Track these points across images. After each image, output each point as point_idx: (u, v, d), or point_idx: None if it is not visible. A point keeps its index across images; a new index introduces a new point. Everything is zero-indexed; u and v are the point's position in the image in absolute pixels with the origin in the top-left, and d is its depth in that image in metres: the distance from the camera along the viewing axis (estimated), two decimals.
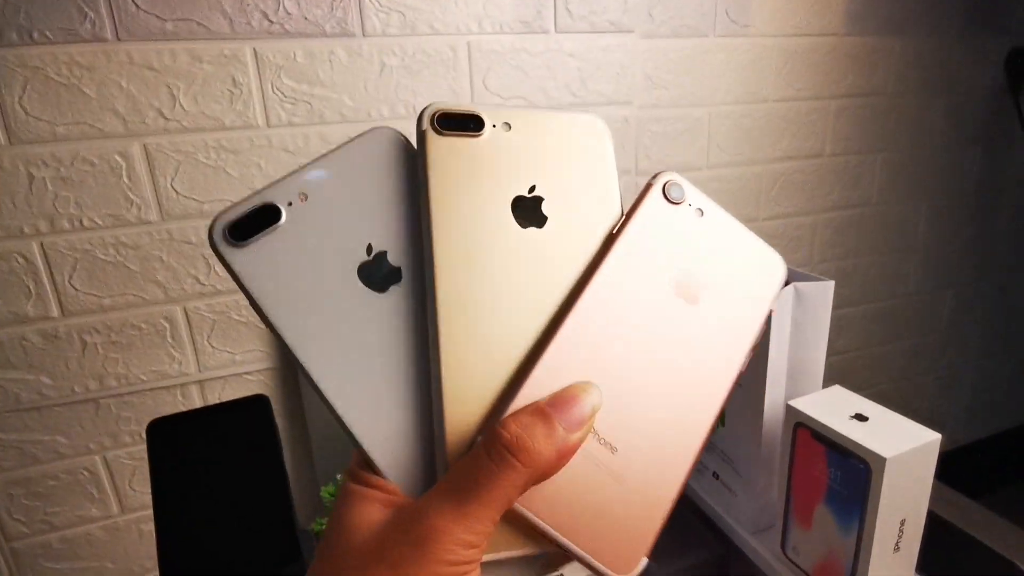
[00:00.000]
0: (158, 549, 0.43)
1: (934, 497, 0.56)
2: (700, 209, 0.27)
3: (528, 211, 0.25)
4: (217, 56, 0.64)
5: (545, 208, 0.25)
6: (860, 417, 0.57)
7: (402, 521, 0.21)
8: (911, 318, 1.19)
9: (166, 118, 0.64)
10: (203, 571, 0.44)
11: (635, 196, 0.26)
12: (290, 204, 0.24)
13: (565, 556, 0.23)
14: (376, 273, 0.24)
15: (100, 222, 0.64)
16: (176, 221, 0.67)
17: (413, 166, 0.25)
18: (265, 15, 0.64)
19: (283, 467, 0.46)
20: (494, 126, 0.25)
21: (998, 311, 1.30)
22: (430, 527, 0.20)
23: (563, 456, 0.22)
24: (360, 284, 0.24)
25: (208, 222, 0.68)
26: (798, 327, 0.59)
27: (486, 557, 0.22)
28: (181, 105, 0.64)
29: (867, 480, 0.53)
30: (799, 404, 0.57)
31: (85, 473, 0.70)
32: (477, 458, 0.21)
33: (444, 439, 0.23)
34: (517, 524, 0.23)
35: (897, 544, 0.55)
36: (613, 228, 0.26)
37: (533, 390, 0.23)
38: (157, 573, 0.61)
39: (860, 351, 1.14)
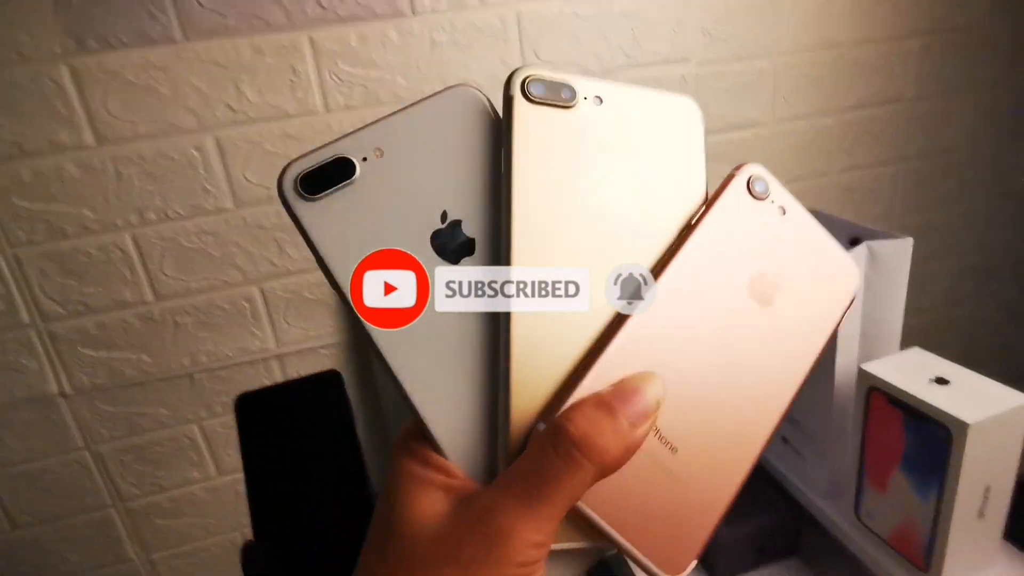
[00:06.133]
0: (251, 510, 0.48)
1: None
2: (783, 207, 0.25)
3: (611, 190, 0.24)
4: (276, 47, 0.66)
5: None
6: (941, 381, 0.54)
7: (470, 518, 0.21)
8: (1006, 272, 1.10)
9: (234, 111, 0.67)
10: (289, 530, 0.48)
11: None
12: (364, 159, 0.22)
13: (615, 551, 0.23)
14: (449, 242, 0.23)
15: (183, 212, 0.69)
16: (249, 208, 0.71)
17: (494, 131, 0.24)
18: (319, 2, 0.66)
19: (355, 434, 0.49)
20: (586, 98, 0.24)
21: None
22: (499, 528, 0.20)
23: (629, 451, 0.21)
24: (432, 252, 0.23)
25: (278, 206, 0.72)
26: (872, 288, 0.57)
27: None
28: (247, 97, 0.67)
29: (947, 447, 0.50)
30: (872, 368, 0.55)
31: (186, 440, 0.77)
32: (544, 454, 0.20)
33: (508, 422, 0.22)
34: (577, 517, 0.22)
35: (981, 511, 0.53)
36: (692, 218, 0.25)
37: (595, 381, 0.22)
38: (251, 530, 0.66)
39: (947, 309, 1.07)
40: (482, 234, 0.23)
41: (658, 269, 0.24)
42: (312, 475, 0.50)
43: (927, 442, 0.52)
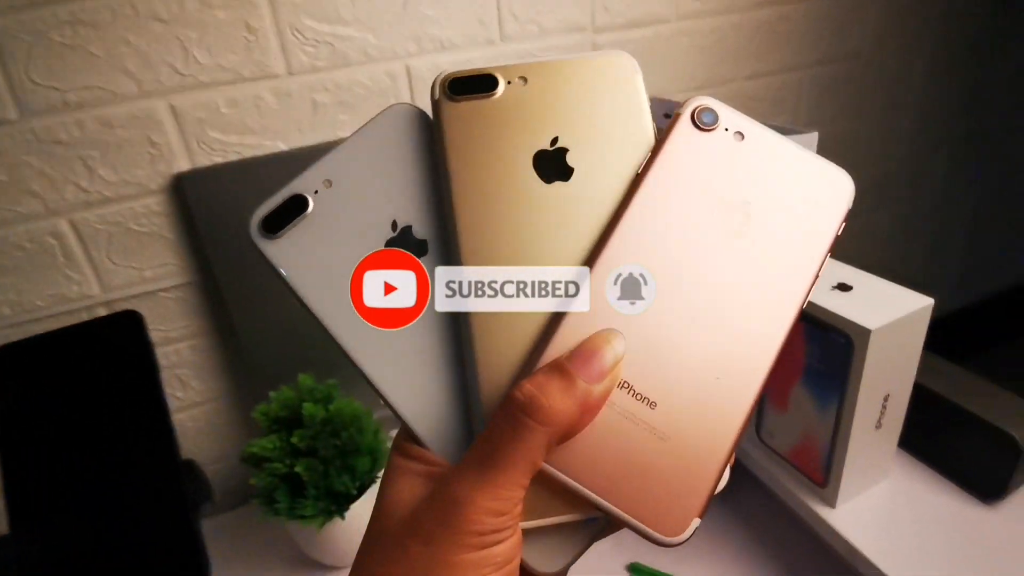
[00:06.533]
0: (6, 496, 0.37)
1: (920, 367, 0.51)
2: (739, 133, 0.24)
3: (552, 165, 0.24)
4: None
5: (570, 159, 0.24)
6: (843, 287, 0.50)
7: (431, 493, 0.22)
8: (902, 182, 1.11)
9: None
10: (60, 515, 0.38)
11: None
12: (316, 192, 0.24)
13: (613, 522, 0.23)
14: (402, 248, 0.24)
15: None
16: (41, 117, 0.56)
17: (431, 138, 0.25)
18: None
19: (158, 387, 0.39)
20: (509, 82, 0.25)
21: (992, 170, 1.22)
22: (454, 498, 0.20)
23: (587, 410, 0.21)
24: None
25: (77, 115, 0.58)
26: None
27: (526, 524, 0.22)
28: None
29: (849, 355, 0.47)
30: None
31: None
32: (495, 423, 0.21)
33: (479, 405, 0.23)
34: (559, 490, 0.22)
35: (879, 421, 0.51)
36: (639, 168, 0.24)
37: (559, 347, 0.22)
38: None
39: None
40: (432, 234, 0.25)
41: (610, 226, 0.23)
42: (94, 444, 0.40)
43: (828, 353, 0.49)
